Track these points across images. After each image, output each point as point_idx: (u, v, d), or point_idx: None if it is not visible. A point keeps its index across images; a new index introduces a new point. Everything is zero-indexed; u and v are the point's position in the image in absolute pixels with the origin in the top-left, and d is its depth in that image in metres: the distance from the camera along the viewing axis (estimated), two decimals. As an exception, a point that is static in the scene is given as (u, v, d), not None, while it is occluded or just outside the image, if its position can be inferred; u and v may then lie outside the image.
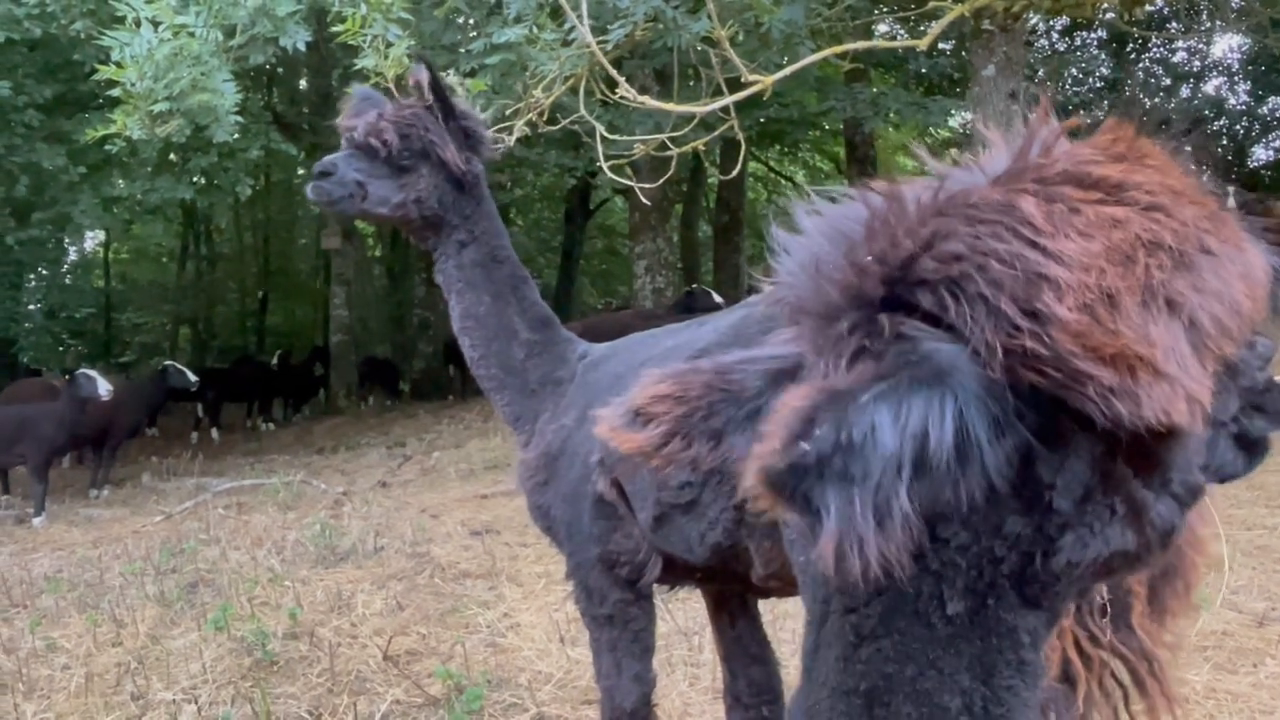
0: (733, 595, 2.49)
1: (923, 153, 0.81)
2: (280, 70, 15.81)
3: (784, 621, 3.88)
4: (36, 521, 8.32)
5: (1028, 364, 0.67)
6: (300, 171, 19.67)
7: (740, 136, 5.68)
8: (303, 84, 17.82)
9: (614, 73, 4.36)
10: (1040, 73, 15.97)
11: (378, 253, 26.03)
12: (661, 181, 6.12)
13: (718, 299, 11.54)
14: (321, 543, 6.12)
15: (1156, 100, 16.35)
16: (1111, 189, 0.72)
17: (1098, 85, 17.21)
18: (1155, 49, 16.56)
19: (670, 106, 4.34)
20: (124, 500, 9.47)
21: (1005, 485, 0.71)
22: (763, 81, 3.84)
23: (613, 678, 2.38)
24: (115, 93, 5.44)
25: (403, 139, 2.38)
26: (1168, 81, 16.87)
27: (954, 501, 0.68)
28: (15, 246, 13.13)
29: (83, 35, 7.90)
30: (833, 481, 0.64)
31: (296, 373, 16.89)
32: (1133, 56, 16.51)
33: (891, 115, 13.41)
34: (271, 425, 16.04)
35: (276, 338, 25.33)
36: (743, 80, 3.91)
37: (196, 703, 3.71)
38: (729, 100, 4.20)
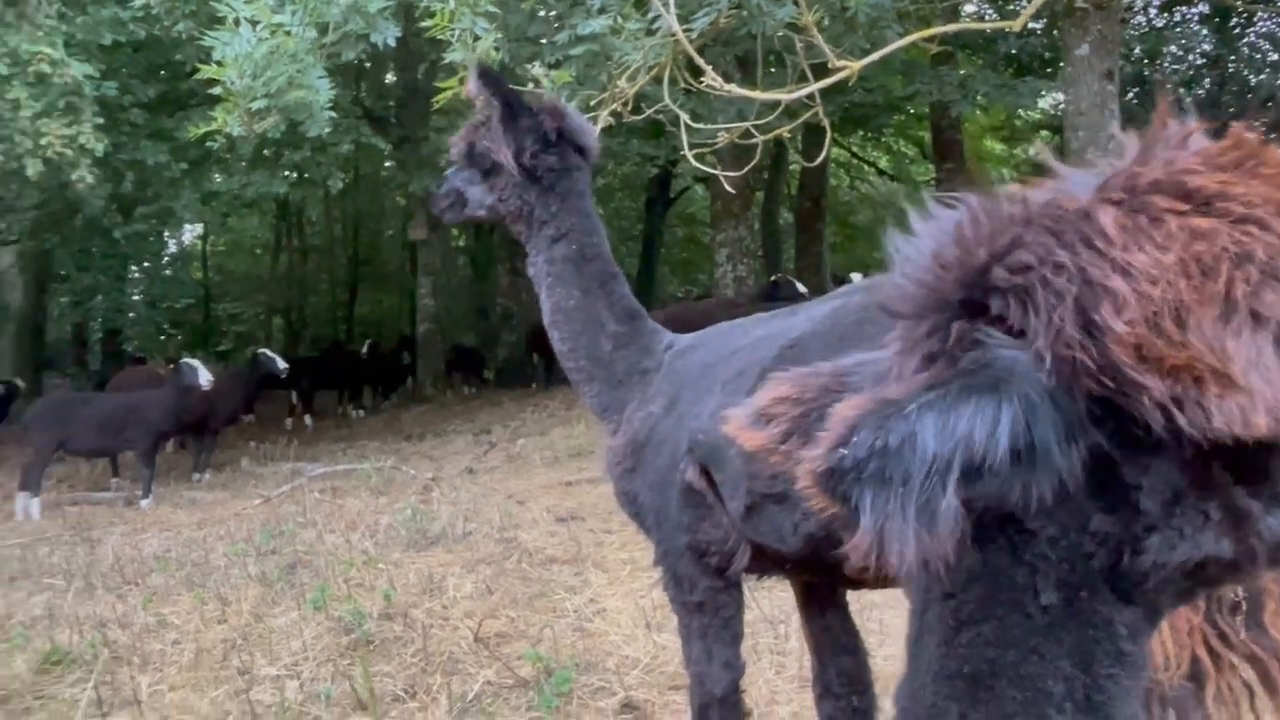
0: (822, 585, 2.49)
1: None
2: (367, 65, 16.16)
3: (870, 612, 3.85)
4: (144, 503, 8.72)
5: (1087, 373, 0.70)
6: (387, 164, 20.12)
7: (825, 123, 5.62)
8: (389, 78, 18.18)
9: (700, 61, 4.36)
10: (1136, 50, 15.36)
11: (461, 243, 26.48)
12: (747, 170, 6.09)
13: (801, 288, 11.46)
14: (412, 527, 6.29)
15: (1261, 78, 15.59)
16: (1204, 200, 0.73)
17: (1198, 62, 16.49)
18: (1262, 23, 15.81)
19: (756, 94, 4.32)
20: (224, 484, 9.85)
21: (1083, 485, 0.74)
22: (850, 67, 3.79)
23: (702, 664, 2.40)
24: (216, 91, 5.61)
25: (470, 145, 2.55)
26: (1275, 57, 16.07)
27: (1024, 501, 0.72)
28: (121, 240, 13.74)
29: (184, 36, 8.19)
30: (869, 484, 0.70)
31: (385, 361, 17.28)
32: (1236, 31, 15.76)
33: (979, 98, 13.08)
34: (361, 412, 16.46)
35: (364, 327, 25.96)
36: (830, 66, 3.86)
37: (299, 678, 3.86)
38: (815, 87, 4.16)
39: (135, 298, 24.36)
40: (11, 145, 7.56)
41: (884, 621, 3.83)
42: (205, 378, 9.19)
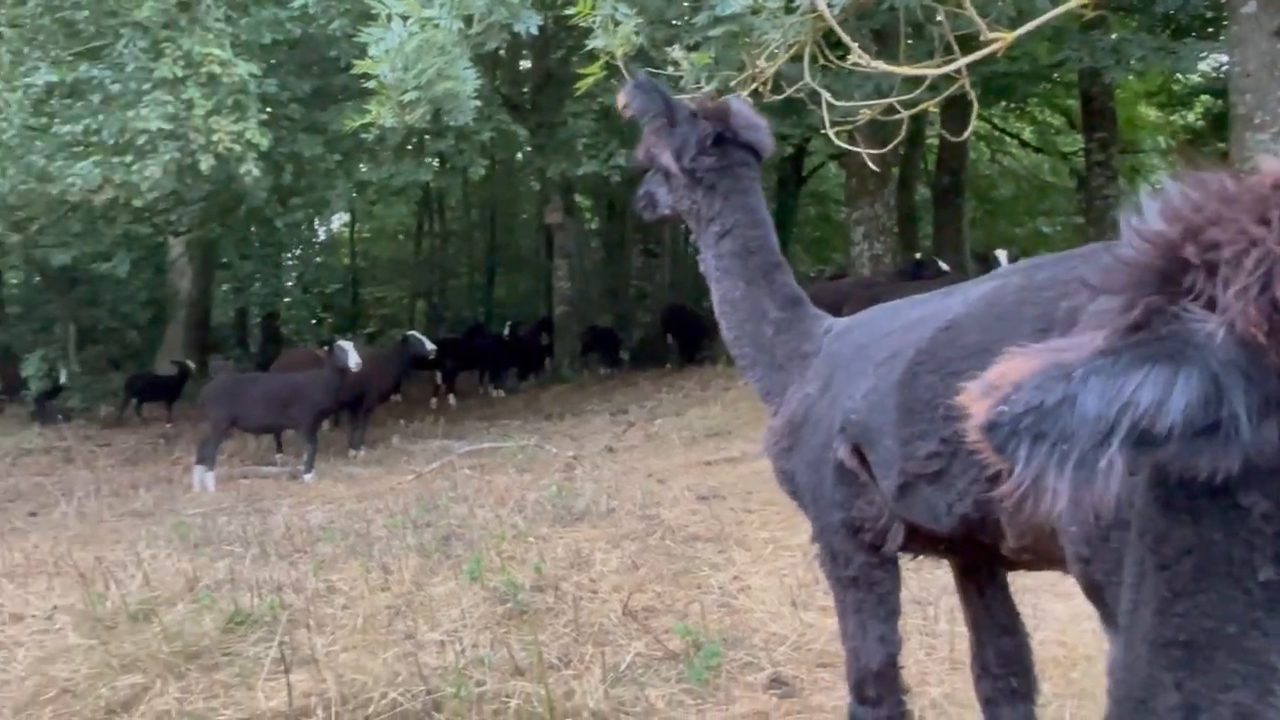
0: (980, 565, 2.48)
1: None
2: (501, 52, 16.54)
3: (1023, 596, 3.78)
4: (307, 477, 9.26)
5: (1277, 349, 0.72)
6: (524, 150, 20.55)
7: (972, 96, 5.47)
8: (525, 64, 18.55)
9: (846, 38, 4.31)
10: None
11: (594, 226, 26.85)
12: (891, 146, 5.99)
13: (944, 266, 11.19)
14: (558, 503, 6.49)
15: None
16: None
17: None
18: None
19: (902, 69, 4.25)
20: (378, 460, 10.36)
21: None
22: (1003, 38, 3.68)
23: (858, 639, 2.44)
24: (370, 85, 5.87)
25: (647, 152, 2.72)
26: None
27: (1212, 471, 0.75)
28: (281, 229, 14.54)
29: (339, 33, 8.59)
30: (1025, 437, 0.75)
31: (524, 342, 17.73)
32: None
33: (1134, 62, 12.39)
34: (501, 392, 16.96)
35: (502, 309, 26.68)
36: (981, 39, 3.77)
37: (460, 644, 4.07)
38: (965, 61, 4.05)
39: (289, 284, 25.76)
40: (185, 143, 8.10)
41: (1037, 605, 3.76)
42: (354, 360, 9.66)
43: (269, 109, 9.96)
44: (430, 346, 11.94)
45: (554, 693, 3.41)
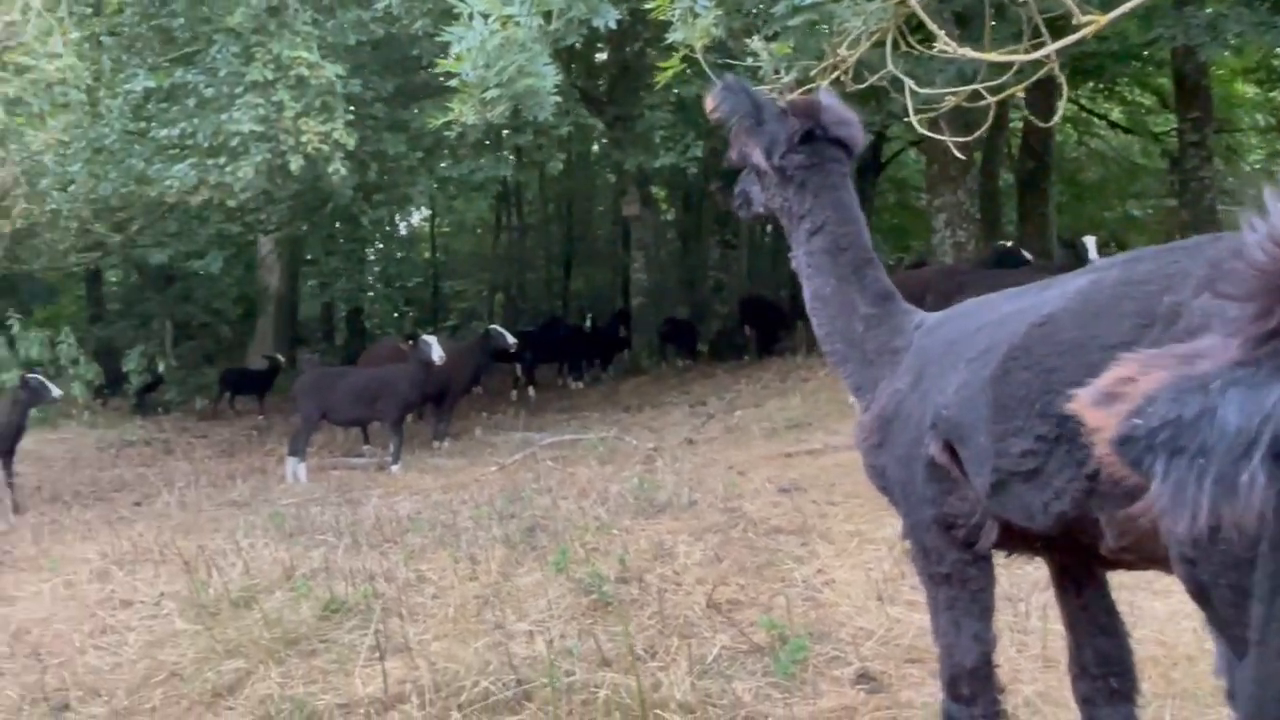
0: (1078, 564, 2.44)
1: None
2: (577, 46, 16.63)
3: (1120, 594, 3.69)
4: (394, 469, 9.49)
5: None
6: (599, 143, 20.67)
7: (1061, 80, 5.33)
8: (600, 57, 18.62)
9: (933, 25, 4.25)
10: None
11: (670, 217, 26.86)
12: (978, 134, 5.87)
13: (1027, 256, 10.93)
14: (640, 495, 6.54)
15: None
16: None
17: None
18: None
19: (990, 56, 4.16)
20: (462, 451, 10.55)
21: None
22: (1097, 21, 3.58)
23: (951, 636, 2.42)
24: (452, 84, 5.96)
25: (739, 151, 2.75)
26: None
27: None
28: (366, 225, 14.90)
29: (421, 32, 8.74)
30: (1162, 451, 0.74)
31: (602, 334, 17.84)
32: None
33: (1231, 39, 11.88)
34: (580, 384, 17.10)
35: (578, 301, 26.88)
36: (1075, 21, 3.66)
37: (548, 634, 4.14)
38: (1055, 47, 3.94)
39: (371, 278, 26.36)
40: (276, 144, 8.35)
41: (1134, 604, 3.67)
42: (438, 353, 9.86)
43: (353, 108, 10.19)
44: (511, 340, 12.11)
45: (642, 684, 3.44)
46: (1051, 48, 3.91)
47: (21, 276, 19.01)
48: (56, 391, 8.99)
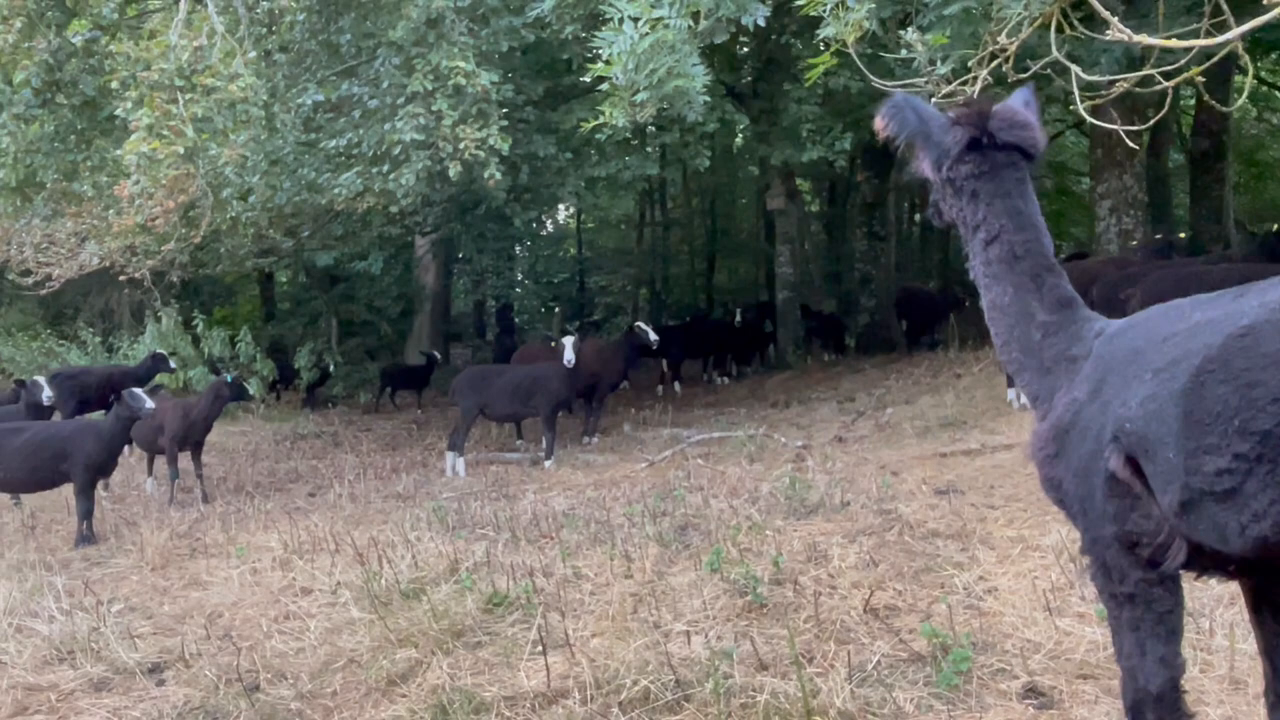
0: (1275, 588, 2.30)
1: None
2: (715, 40, 16.58)
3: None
4: (547, 464, 9.74)
5: None
6: (743, 137, 20.57)
7: (1245, 61, 5.00)
8: (742, 50, 18.49)
9: (1103, 11, 4.05)
10: None
11: (815, 208, 26.48)
12: (1153, 122, 5.57)
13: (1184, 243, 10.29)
14: (791, 495, 6.50)
15: None
16: None
17: None
18: None
19: (1168, 42, 3.92)
20: (612, 447, 10.72)
21: None
22: (1289, -1, 3.31)
23: (1135, 658, 2.32)
24: (603, 87, 6.05)
25: (915, 164, 2.74)
26: None
27: None
28: (519, 225, 15.33)
29: (570, 37, 8.91)
30: None
31: (748, 329, 17.78)
32: None
33: None
34: (725, 380, 17.10)
35: (721, 295, 26.86)
36: (1265, 2, 3.40)
37: (706, 635, 4.18)
38: (1239, 32, 3.67)
39: (519, 275, 27.11)
40: (435, 151, 8.67)
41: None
42: (569, 355, 10.11)
43: (505, 112, 10.48)
44: (654, 337, 12.24)
45: (805, 689, 3.44)
46: (1236, 32, 3.64)
47: (203, 280, 20.46)
48: (253, 391, 9.65)
